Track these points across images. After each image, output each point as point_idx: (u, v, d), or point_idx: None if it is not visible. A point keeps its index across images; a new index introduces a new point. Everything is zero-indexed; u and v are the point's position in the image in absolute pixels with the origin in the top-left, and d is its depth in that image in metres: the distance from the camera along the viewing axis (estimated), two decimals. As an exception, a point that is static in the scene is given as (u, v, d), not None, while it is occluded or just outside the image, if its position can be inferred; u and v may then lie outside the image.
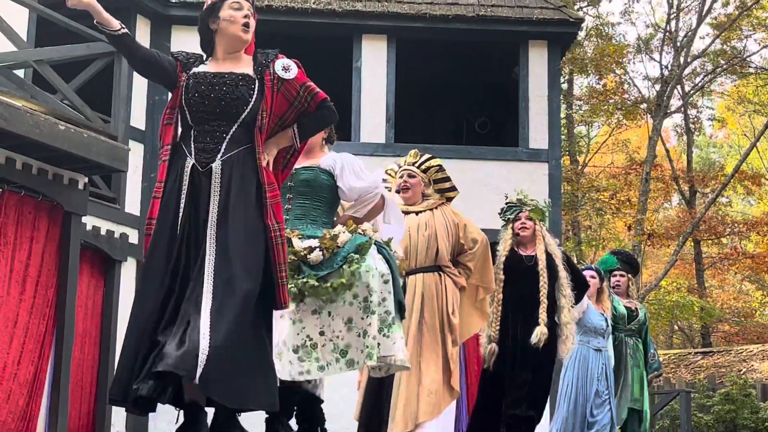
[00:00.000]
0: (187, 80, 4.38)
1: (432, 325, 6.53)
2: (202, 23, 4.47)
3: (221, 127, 4.32)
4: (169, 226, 4.22)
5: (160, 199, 4.24)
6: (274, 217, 4.26)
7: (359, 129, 13.81)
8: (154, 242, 4.21)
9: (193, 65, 4.44)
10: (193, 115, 4.34)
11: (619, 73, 25.16)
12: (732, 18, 24.05)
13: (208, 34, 4.47)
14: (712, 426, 15.68)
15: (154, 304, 4.11)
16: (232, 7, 4.41)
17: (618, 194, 25.06)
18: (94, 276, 11.93)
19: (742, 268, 26.66)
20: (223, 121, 4.33)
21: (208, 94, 4.33)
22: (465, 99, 16.92)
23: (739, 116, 32.60)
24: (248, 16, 4.43)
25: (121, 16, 13.09)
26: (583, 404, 8.96)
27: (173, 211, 4.24)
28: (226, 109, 4.32)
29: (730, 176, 24.29)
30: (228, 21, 4.40)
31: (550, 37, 14.43)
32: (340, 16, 13.75)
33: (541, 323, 7.65)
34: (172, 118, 4.37)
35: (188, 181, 4.25)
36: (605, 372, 9.08)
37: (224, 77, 4.37)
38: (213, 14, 4.43)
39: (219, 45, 4.46)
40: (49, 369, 8.78)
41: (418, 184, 6.93)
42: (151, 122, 13.38)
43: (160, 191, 4.26)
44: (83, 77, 9.90)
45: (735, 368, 21.30)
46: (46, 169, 8.78)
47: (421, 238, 6.78)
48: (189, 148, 4.31)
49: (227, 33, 4.42)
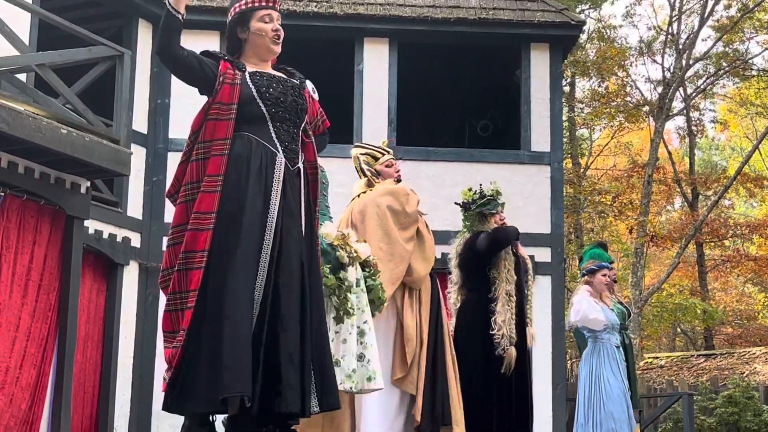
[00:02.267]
0: (250, 75, 4.36)
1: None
2: (231, 31, 4.46)
3: (295, 128, 4.40)
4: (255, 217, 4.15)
5: (220, 193, 4.14)
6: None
7: (361, 132, 13.81)
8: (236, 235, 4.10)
9: (239, 65, 4.41)
10: (272, 112, 4.32)
11: (621, 75, 25.15)
12: (734, 20, 24.03)
13: (238, 41, 4.47)
14: (714, 428, 15.66)
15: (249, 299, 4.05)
16: (262, 20, 4.42)
17: (620, 197, 25.05)
18: (96, 280, 11.95)
19: (745, 270, 26.63)
20: (296, 126, 4.40)
21: (284, 94, 4.36)
22: (467, 102, 16.92)
23: (742, 119, 32.59)
24: (278, 28, 4.45)
25: (122, 20, 13.19)
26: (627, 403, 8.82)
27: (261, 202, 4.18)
28: (296, 114, 4.40)
29: (733, 178, 24.27)
30: (257, 34, 4.42)
31: (551, 40, 14.42)
32: (342, 20, 13.75)
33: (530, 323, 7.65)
34: (229, 113, 4.25)
35: (282, 177, 4.26)
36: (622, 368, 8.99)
37: (286, 83, 4.42)
38: (242, 24, 4.44)
39: (250, 52, 4.47)
40: (51, 372, 8.78)
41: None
42: (153, 126, 13.38)
43: (218, 184, 4.15)
44: (85, 81, 9.91)
45: (738, 371, 21.27)
46: (48, 173, 8.79)
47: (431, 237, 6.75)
48: (273, 143, 4.29)
49: (257, 45, 4.44)
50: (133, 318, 12.62)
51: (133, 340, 12.61)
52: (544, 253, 13.31)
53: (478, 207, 7.62)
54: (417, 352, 6.26)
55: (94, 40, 9.78)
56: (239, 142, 4.24)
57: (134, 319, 12.66)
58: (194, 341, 4.02)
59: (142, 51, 13.29)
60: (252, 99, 4.28)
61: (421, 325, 6.33)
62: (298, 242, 4.26)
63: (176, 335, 4.10)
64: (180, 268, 4.13)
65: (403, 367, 6.19)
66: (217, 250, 4.10)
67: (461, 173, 13.50)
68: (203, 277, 4.07)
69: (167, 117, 13.45)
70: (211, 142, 4.22)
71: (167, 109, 13.48)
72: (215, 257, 4.10)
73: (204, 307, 4.06)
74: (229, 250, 4.09)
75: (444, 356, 6.45)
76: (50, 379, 8.78)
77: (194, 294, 4.07)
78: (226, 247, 4.11)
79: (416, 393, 6.20)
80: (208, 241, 4.09)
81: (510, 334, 7.21)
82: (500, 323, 7.18)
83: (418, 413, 6.15)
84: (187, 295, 4.10)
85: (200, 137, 4.24)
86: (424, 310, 6.39)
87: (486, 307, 7.29)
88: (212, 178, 4.16)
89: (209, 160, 4.19)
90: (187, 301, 4.09)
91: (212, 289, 4.07)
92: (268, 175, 4.23)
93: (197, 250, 4.10)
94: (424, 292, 6.46)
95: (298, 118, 4.39)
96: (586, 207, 25.32)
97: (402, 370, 6.19)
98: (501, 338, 7.19)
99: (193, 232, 4.13)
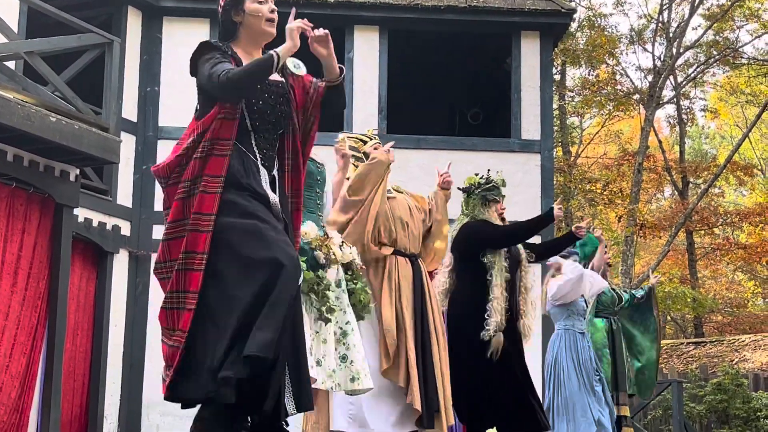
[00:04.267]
0: None
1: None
2: (226, 14, 4.41)
3: (274, 135, 4.36)
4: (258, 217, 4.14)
5: (220, 194, 4.10)
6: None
7: (351, 120, 13.80)
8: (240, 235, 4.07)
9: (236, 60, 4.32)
10: (255, 124, 4.29)
11: (611, 63, 25.15)
12: (724, 9, 24.04)
13: (233, 26, 4.42)
14: (704, 416, 15.72)
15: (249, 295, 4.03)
16: (257, 1, 4.36)
17: (610, 185, 25.08)
18: (86, 268, 11.93)
19: (735, 258, 26.68)
20: (275, 133, 4.37)
21: (271, 107, 4.32)
22: (457, 90, 16.92)
23: (732, 107, 32.64)
24: (273, 10, 4.41)
25: (112, 8, 13.15)
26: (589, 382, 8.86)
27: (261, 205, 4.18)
28: (278, 123, 4.36)
29: (723, 167, 24.31)
30: (253, 15, 4.36)
31: (542, 28, 14.42)
32: (333, 7, 13.74)
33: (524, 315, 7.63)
34: (235, 114, 4.20)
35: (268, 183, 4.27)
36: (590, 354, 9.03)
37: (277, 90, 4.37)
38: (237, 6, 4.37)
39: (244, 38, 4.40)
40: (41, 361, 8.77)
41: None
42: (143, 114, 13.36)
43: (219, 185, 4.11)
44: (74, 69, 9.88)
45: (727, 358, 21.35)
46: (37, 161, 8.76)
47: (417, 222, 6.72)
48: (253, 152, 4.28)
49: (252, 27, 4.38)
50: (122, 306, 12.62)
51: (123, 329, 12.60)
52: (533, 241, 13.30)
53: (483, 191, 7.64)
54: (403, 341, 6.24)
55: (84, 27, 9.74)
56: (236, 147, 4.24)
57: (124, 308, 12.65)
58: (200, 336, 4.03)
59: (131, 39, 13.25)
60: (241, 110, 4.26)
61: (403, 314, 6.31)
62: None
63: (174, 333, 4.09)
64: (180, 268, 4.11)
65: (387, 359, 6.18)
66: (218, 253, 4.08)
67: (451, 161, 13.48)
68: (203, 280, 4.06)
69: (157, 105, 13.42)
70: (217, 140, 4.17)
71: (157, 97, 13.45)
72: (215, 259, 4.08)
73: (206, 306, 4.04)
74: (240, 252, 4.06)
75: (431, 344, 6.43)
76: (40, 367, 8.76)
77: (194, 296, 4.06)
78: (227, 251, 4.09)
79: (404, 383, 6.18)
80: (207, 243, 4.07)
81: (500, 321, 7.20)
82: (494, 309, 7.18)
83: (417, 403, 6.14)
84: (185, 296, 4.09)
85: (207, 134, 4.20)
86: (404, 299, 6.36)
87: (478, 294, 7.29)
88: (212, 178, 4.12)
89: (210, 159, 4.15)
90: (186, 302, 4.08)
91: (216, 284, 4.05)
92: (256, 180, 4.24)
93: (197, 251, 4.08)
94: (403, 279, 6.43)
95: (279, 126, 4.37)
96: (576, 195, 25.34)
97: (386, 362, 6.18)
98: (490, 324, 7.19)
99: (194, 233, 4.11)
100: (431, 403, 6.21)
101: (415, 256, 6.62)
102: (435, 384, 6.27)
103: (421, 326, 6.39)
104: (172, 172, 4.24)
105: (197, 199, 4.12)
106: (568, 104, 26.22)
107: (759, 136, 33.80)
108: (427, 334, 6.39)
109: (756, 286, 32.56)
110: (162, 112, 13.40)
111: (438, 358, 6.42)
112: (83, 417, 11.65)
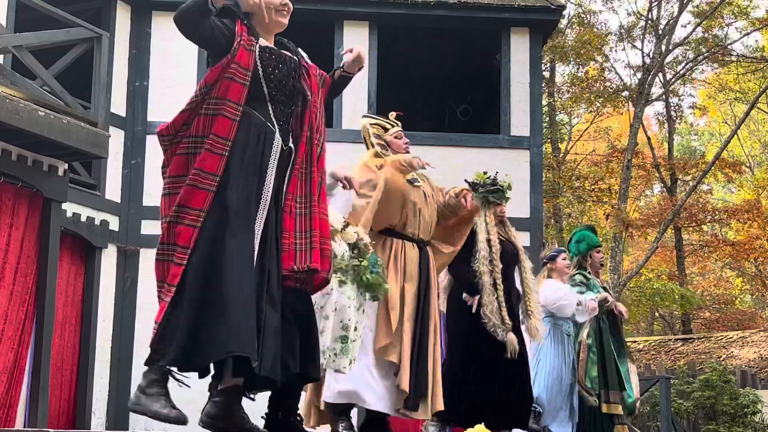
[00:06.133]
0: (260, 51, 4.29)
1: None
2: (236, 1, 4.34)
3: (289, 110, 4.36)
4: (251, 191, 4.15)
5: (227, 157, 4.11)
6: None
7: (341, 116, 13.79)
8: (234, 200, 4.09)
9: (254, 31, 4.30)
10: (272, 93, 4.29)
11: (600, 60, 25.18)
12: (713, 6, 24.09)
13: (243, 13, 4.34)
14: (691, 412, 15.76)
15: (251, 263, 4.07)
16: None
17: (599, 182, 25.12)
18: (74, 263, 11.91)
19: (723, 255, 26.78)
20: (290, 107, 4.37)
21: (286, 77, 4.33)
22: (447, 86, 16.92)
23: (720, 104, 32.72)
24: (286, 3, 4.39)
25: (100, 2, 13.10)
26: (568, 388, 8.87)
27: (257, 178, 4.18)
28: (292, 98, 4.37)
29: (711, 164, 24.36)
30: (266, 5, 4.33)
31: (531, 24, 14.44)
32: (322, 2, 13.72)
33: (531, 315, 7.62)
34: (245, 79, 4.18)
35: (278, 156, 4.26)
36: (573, 359, 9.05)
37: (290, 64, 4.37)
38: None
39: (254, 23, 4.34)
40: (29, 356, 8.75)
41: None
42: (132, 108, 13.33)
43: (226, 148, 4.11)
44: (63, 63, 9.86)
45: (715, 355, 21.41)
46: (25, 155, 8.74)
47: (431, 210, 6.70)
48: (271, 121, 4.28)
49: (263, 15, 4.34)
50: (111, 301, 12.59)
51: (111, 324, 12.58)
52: (523, 237, 13.26)
53: (487, 191, 7.59)
54: (401, 321, 6.25)
55: (72, 21, 9.72)
56: (247, 112, 4.21)
57: (112, 303, 12.63)
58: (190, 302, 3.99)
59: (120, 33, 13.22)
60: (257, 78, 4.24)
61: (404, 297, 6.31)
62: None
63: (163, 286, 4.09)
64: (170, 221, 4.09)
65: (387, 336, 6.18)
66: (215, 214, 4.07)
67: (440, 157, 13.43)
68: (198, 238, 4.04)
69: (146, 100, 13.39)
70: (224, 101, 4.14)
71: (146, 91, 13.42)
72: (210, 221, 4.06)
73: (202, 267, 4.02)
74: (231, 215, 4.07)
75: (428, 330, 6.43)
76: (28, 362, 8.74)
77: (183, 251, 4.04)
78: (230, 212, 4.08)
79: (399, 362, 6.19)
80: (208, 202, 4.05)
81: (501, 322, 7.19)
82: (489, 314, 7.18)
83: (405, 385, 6.15)
84: (175, 249, 4.07)
85: (214, 92, 4.17)
86: (409, 281, 6.38)
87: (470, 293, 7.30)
88: (220, 139, 4.10)
89: (217, 118, 4.12)
90: (174, 256, 4.06)
91: (210, 251, 4.03)
92: (265, 151, 4.22)
93: (193, 207, 4.06)
94: (409, 262, 6.43)
95: (292, 101, 4.37)
96: (565, 192, 25.37)
97: (386, 338, 6.17)
98: (494, 327, 7.18)
99: (191, 188, 4.07)
100: (420, 386, 6.22)
101: (423, 242, 6.59)
102: (426, 368, 6.28)
103: (422, 311, 6.39)
104: (178, 129, 4.21)
105: (201, 156, 4.11)
106: (557, 101, 26.25)
107: (747, 134, 33.91)
108: (426, 319, 6.40)
109: (744, 283, 32.66)
110: (151, 106, 13.37)
111: (432, 343, 6.43)
112: (71, 412, 11.62)
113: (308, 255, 4.26)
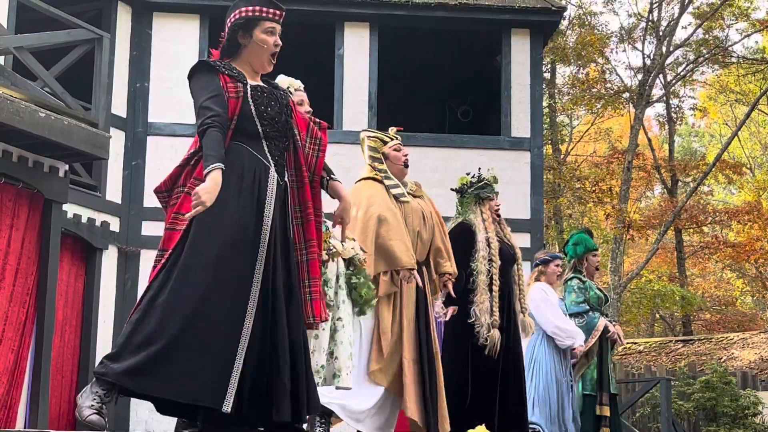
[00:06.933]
0: (251, 90, 4.32)
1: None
2: (233, 33, 4.38)
3: (283, 145, 4.39)
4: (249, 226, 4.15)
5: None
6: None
7: (341, 117, 13.79)
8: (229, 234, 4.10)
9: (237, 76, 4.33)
10: (266, 129, 4.32)
11: (601, 62, 25.17)
12: (714, 7, 24.08)
13: (236, 45, 4.41)
14: (692, 413, 15.74)
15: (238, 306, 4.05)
16: (267, 32, 4.38)
17: (600, 183, 25.10)
18: (74, 264, 11.91)
19: (723, 256, 26.75)
20: (284, 142, 4.40)
21: (279, 114, 4.36)
22: (447, 87, 16.91)
23: (721, 105, 32.70)
24: (279, 44, 4.43)
25: (101, 3, 13.09)
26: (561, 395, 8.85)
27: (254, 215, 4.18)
28: (285, 133, 4.39)
29: (712, 165, 24.35)
30: (259, 45, 4.37)
31: (532, 26, 14.44)
32: (323, 4, 13.71)
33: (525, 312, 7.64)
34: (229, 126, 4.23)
35: (275, 191, 4.26)
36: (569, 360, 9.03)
37: (281, 101, 4.42)
38: (246, 30, 4.37)
39: (245, 59, 4.41)
40: (29, 357, 8.74)
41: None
42: (133, 110, 13.32)
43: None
44: (64, 64, 9.86)
45: (715, 356, 21.40)
46: (26, 156, 8.74)
47: (428, 228, 6.65)
48: (266, 157, 4.29)
49: (256, 55, 4.39)
50: (111, 302, 12.59)
51: (112, 325, 12.58)
52: (523, 238, 13.32)
53: (476, 189, 7.62)
54: (399, 349, 6.21)
55: (73, 23, 9.72)
56: (234, 150, 4.23)
57: (113, 304, 12.62)
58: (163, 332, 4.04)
59: (121, 34, 13.22)
60: (250, 116, 4.27)
61: (402, 321, 6.27)
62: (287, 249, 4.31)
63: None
64: (167, 227, 4.25)
65: (378, 360, 6.15)
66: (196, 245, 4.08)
67: (441, 158, 13.53)
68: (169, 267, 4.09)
69: (146, 101, 13.39)
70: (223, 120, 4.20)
71: (146, 93, 13.42)
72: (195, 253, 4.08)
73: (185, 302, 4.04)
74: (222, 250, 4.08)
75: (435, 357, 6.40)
76: (28, 363, 8.74)
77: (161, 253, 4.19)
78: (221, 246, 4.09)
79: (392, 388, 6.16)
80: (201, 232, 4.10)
81: (491, 321, 7.18)
82: (478, 313, 7.17)
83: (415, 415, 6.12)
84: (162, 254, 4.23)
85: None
86: (406, 306, 6.32)
87: (465, 296, 7.28)
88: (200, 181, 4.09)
89: (200, 164, 4.17)
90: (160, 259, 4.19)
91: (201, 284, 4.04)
92: (262, 188, 4.24)
93: (166, 248, 4.15)
94: (406, 289, 6.37)
95: (285, 136, 4.40)
96: (565, 193, 25.37)
97: (377, 363, 6.14)
98: (480, 327, 7.18)
99: (170, 232, 4.18)
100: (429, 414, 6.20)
101: (419, 264, 6.52)
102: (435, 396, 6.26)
103: (425, 336, 6.34)
104: (174, 183, 4.31)
105: (180, 201, 4.22)
106: (557, 102, 26.24)
107: (748, 135, 33.88)
108: (431, 345, 6.36)
109: (744, 284, 32.64)
110: (151, 108, 13.36)
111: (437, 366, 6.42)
112: (71, 413, 11.62)
113: (309, 308, 4.36)
